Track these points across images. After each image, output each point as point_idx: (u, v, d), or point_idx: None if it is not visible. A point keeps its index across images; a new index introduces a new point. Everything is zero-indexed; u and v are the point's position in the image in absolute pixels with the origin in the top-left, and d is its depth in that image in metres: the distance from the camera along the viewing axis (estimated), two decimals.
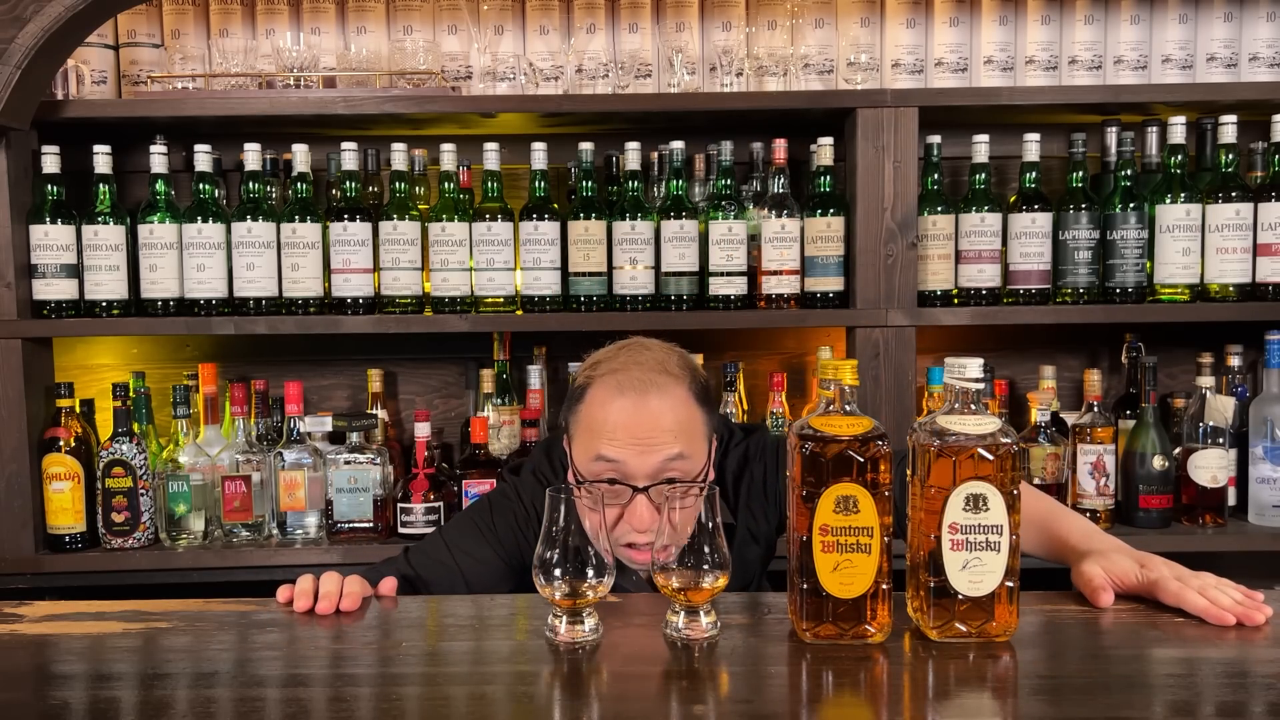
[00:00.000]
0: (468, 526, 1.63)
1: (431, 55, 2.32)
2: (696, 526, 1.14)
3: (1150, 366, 2.26)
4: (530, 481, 1.65)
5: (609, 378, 1.48)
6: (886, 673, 1.06)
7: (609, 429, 1.44)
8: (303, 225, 2.25)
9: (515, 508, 1.62)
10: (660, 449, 1.43)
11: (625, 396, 1.45)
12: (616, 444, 1.43)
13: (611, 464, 1.43)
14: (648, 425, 1.43)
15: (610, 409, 1.45)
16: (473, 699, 1.01)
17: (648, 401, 1.45)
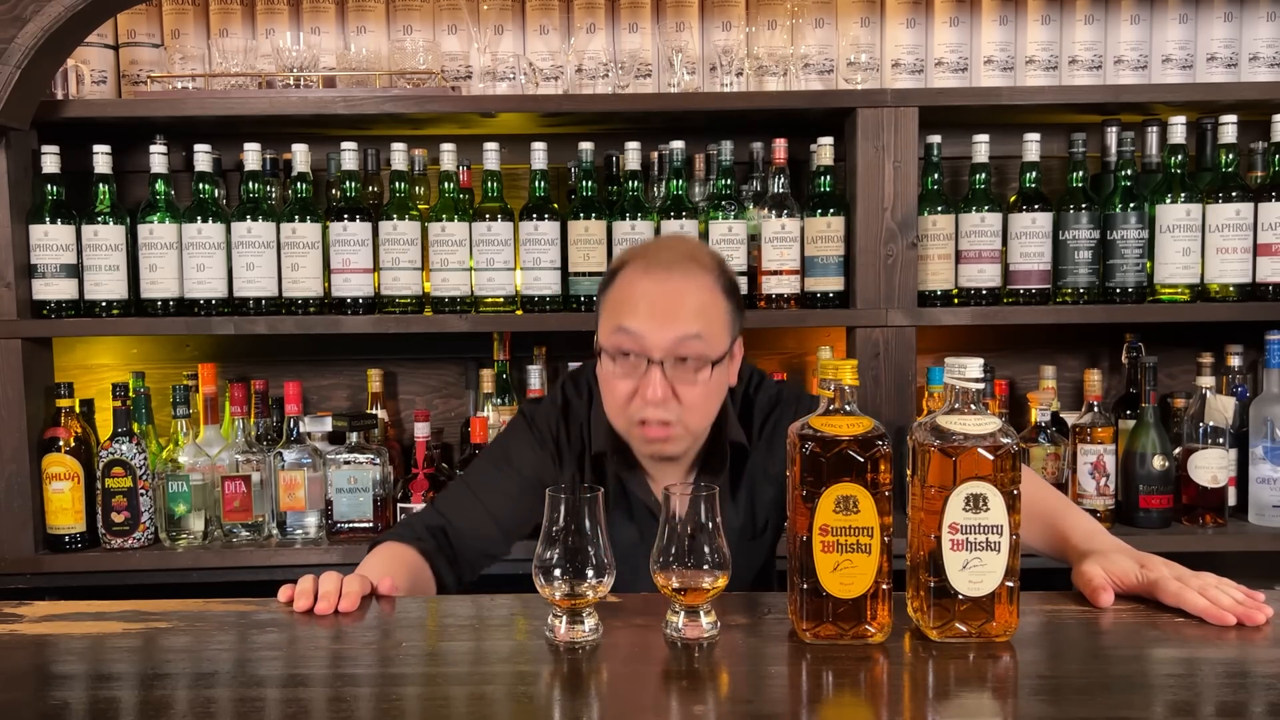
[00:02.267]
0: (485, 466, 1.66)
1: (431, 55, 2.32)
2: (696, 526, 1.14)
3: (1150, 366, 2.26)
4: (548, 407, 1.68)
5: (640, 259, 1.53)
6: (886, 673, 1.06)
7: (631, 303, 1.47)
8: (302, 225, 2.25)
9: (529, 435, 1.65)
10: (677, 325, 1.45)
11: (651, 275, 1.49)
12: (637, 317, 1.46)
13: (630, 336, 1.46)
14: (667, 301, 1.46)
15: (635, 286, 1.49)
16: (473, 699, 1.01)
17: (671, 278, 1.48)
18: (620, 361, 1.48)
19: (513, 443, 1.67)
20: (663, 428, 1.47)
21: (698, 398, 1.48)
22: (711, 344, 1.47)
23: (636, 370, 1.46)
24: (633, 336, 1.46)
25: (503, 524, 1.61)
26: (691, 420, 1.49)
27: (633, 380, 1.47)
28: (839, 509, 1.09)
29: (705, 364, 1.47)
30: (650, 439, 1.49)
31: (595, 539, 1.12)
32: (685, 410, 1.47)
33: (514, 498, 1.62)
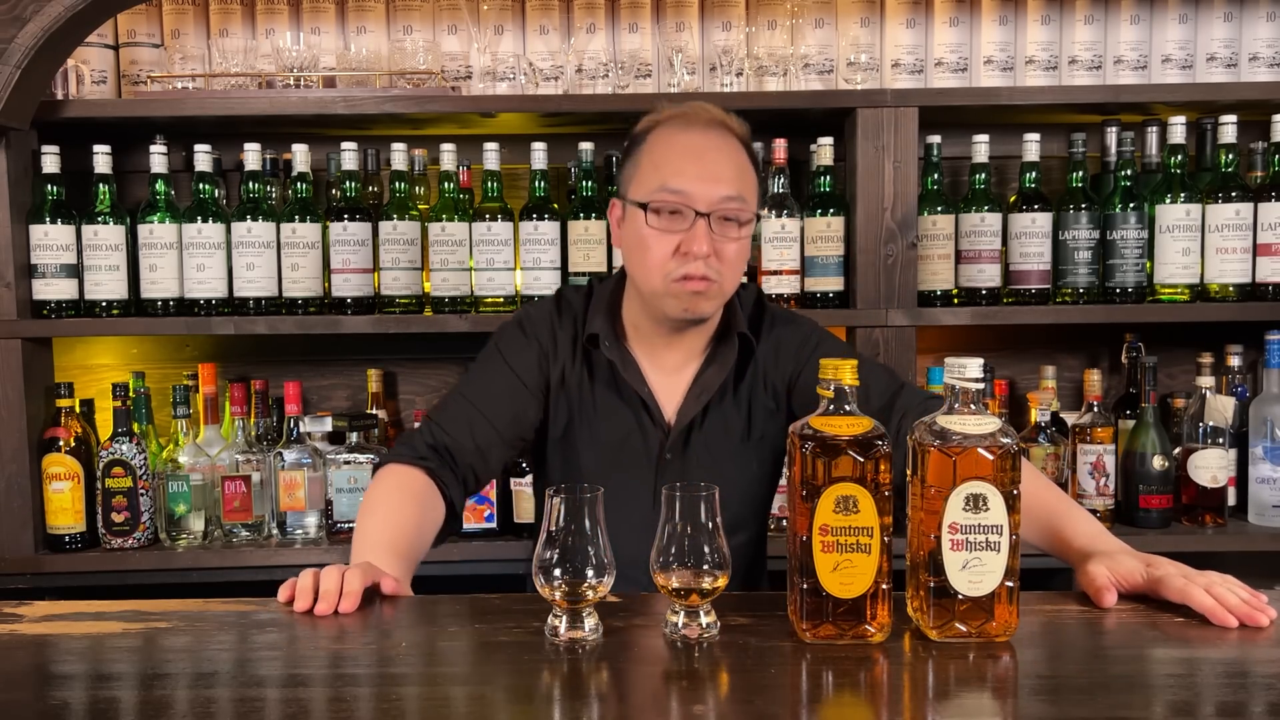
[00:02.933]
0: (477, 372, 1.65)
1: (431, 55, 2.32)
2: (695, 526, 1.14)
3: (1150, 366, 2.26)
4: (540, 307, 1.69)
5: (675, 119, 1.55)
6: (886, 673, 1.06)
7: (676, 160, 1.50)
8: (302, 225, 2.25)
9: (519, 338, 1.65)
10: (721, 184, 1.49)
11: (691, 132, 1.53)
12: (684, 175, 1.48)
13: (676, 195, 1.48)
14: (713, 159, 1.50)
15: (676, 142, 1.52)
16: (473, 699, 1.01)
17: (710, 137, 1.52)
18: (664, 218, 1.49)
19: (504, 345, 1.66)
20: (704, 281, 1.50)
21: (734, 256, 1.52)
22: (748, 208, 1.52)
23: (679, 226, 1.49)
24: (680, 193, 1.48)
25: (501, 427, 1.60)
26: (726, 279, 1.53)
27: (675, 237, 1.49)
28: (839, 509, 1.09)
29: (743, 223, 1.52)
30: (693, 291, 1.50)
31: (595, 539, 1.12)
32: (724, 267, 1.51)
33: (509, 398, 1.61)
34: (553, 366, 1.63)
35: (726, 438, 1.63)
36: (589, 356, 1.63)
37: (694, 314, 1.54)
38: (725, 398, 1.62)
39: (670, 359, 1.62)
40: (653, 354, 1.63)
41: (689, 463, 1.61)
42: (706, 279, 1.50)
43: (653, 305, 1.56)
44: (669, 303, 1.53)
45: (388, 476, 1.53)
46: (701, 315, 1.55)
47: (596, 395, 1.63)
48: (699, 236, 1.48)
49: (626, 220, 1.57)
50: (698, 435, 1.61)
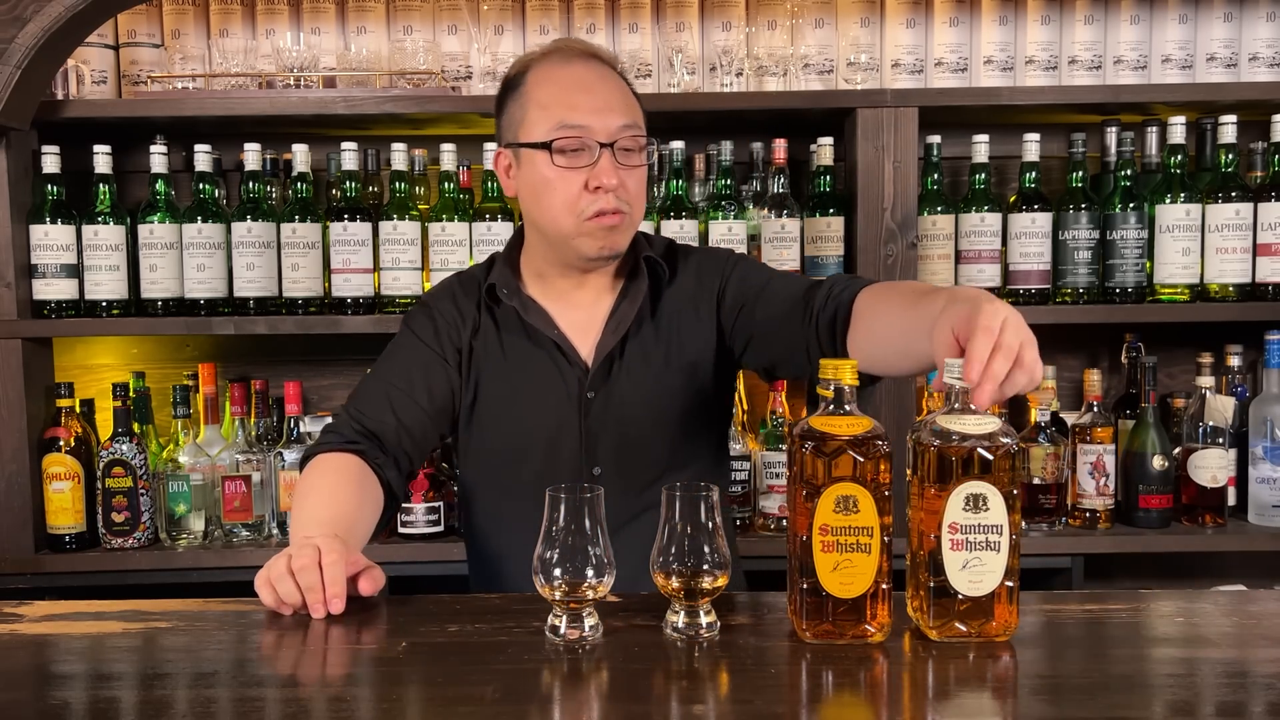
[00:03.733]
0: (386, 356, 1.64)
1: (431, 55, 2.32)
2: (695, 526, 1.14)
3: (1150, 366, 2.26)
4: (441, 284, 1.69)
5: (549, 57, 1.53)
6: (886, 672, 1.06)
7: (567, 96, 1.48)
8: (302, 225, 2.25)
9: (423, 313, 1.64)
10: (617, 113, 1.49)
11: (573, 66, 1.51)
12: (579, 109, 1.47)
13: (577, 129, 1.46)
14: (600, 90, 1.50)
15: (561, 79, 1.50)
16: (473, 699, 1.01)
17: (593, 68, 1.52)
18: (568, 156, 1.47)
19: (411, 324, 1.65)
20: (617, 215, 1.48)
21: (639, 185, 1.52)
22: (642, 132, 1.52)
23: (582, 162, 1.47)
24: (580, 127, 1.46)
25: (424, 402, 1.57)
26: (635, 209, 1.52)
27: (580, 174, 1.47)
28: (839, 509, 1.09)
29: (642, 149, 1.51)
30: (608, 226, 1.48)
31: (595, 539, 1.12)
32: (631, 198, 1.50)
33: (424, 372, 1.59)
34: (461, 334, 1.61)
35: (649, 366, 1.58)
36: (494, 315, 1.61)
37: (611, 250, 1.52)
38: (643, 327, 1.59)
39: (579, 298, 1.60)
40: (560, 297, 1.60)
41: (614, 399, 1.57)
42: (619, 212, 1.48)
43: (564, 249, 1.53)
44: (584, 243, 1.50)
45: (319, 464, 1.50)
46: (618, 251, 1.53)
47: (506, 347, 1.60)
48: (606, 169, 1.46)
49: (521, 168, 1.53)
50: (619, 368, 1.57)
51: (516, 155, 1.54)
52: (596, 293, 1.60)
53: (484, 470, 1.63)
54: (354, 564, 1.26)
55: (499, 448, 1.61)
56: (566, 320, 1.59)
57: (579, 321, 1.59)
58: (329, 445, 1.53)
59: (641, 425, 1.57)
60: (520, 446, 1.59)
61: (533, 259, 1.62)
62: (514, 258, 1.65)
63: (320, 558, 1.22)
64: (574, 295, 1.60)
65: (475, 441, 1.63)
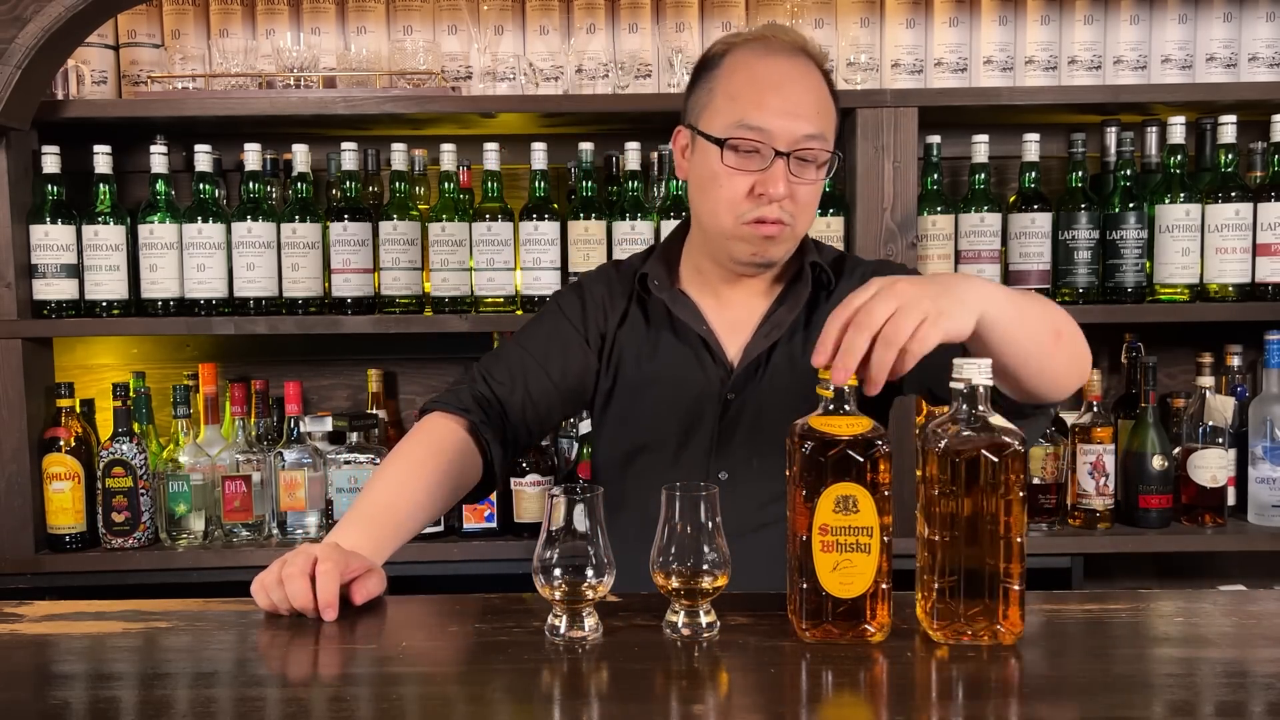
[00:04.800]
0: (530, 326, 1.61)
1: (431, 55, 2.32)
2: (694, 526, 1.14)
3: (1150, 366, 2.26)
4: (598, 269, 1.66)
5: (753, 44, 1.44)
6: (886, 672, 1.06)
7: (756, 94, 1.40)
8: (302, 225, 2.25)
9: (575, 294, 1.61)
10: (804, 120, 1.40)
11: (772, 59, 1.42)
12: (765, 111, 1.39)
13: (756, 132, 1.39)
14: (793, 92, 1.41)
15: (756, 72, 1.41)
16: (472, 699, 1.01)
17: (796, 66, 1.42)
18: (741, 156, 1.41)
19: (560, 301, 1.62)
20: (777, 225, 1.43)
21: (809, 198, 1.45)
22: (827, 145, 1.44)
23: (755, 165, 1.40)
24: (760, 130, 1.39)
25: (557, 378, 1.54)
26: (800, 222, 1.46)
27: (750, 177, 1.41)
28: (838, 509, 1.09)
29: (822, 164, 1.44)
30: (766, 236, 1.43)
31: (595, 539, 1.12)
32: (797, 210, 1.44)
33: (563, 349, 1.56)
34: (608, 318, 1.57)
35: (796, 376, 1.50)
36: (645, 305, 1.57)
37: (763, 258, 1.47)
38: (796, 335, 1.53)
39: (734, 298, 1.55)
40: (714, 294, 1.55)
41: (754, 403, 1.52)
42: (780, 222, 1.43)
43: (719, 246, 1.48)
44: (737, 246, 1.46)
45: (425, 428, 1.47)
46: (771, 260, 1.48)
47: (651, 339, 1.56)
48: (776, 178, 1.40)
49: (696, 151, 1.47)
50: (765, 374, 1.52)
51: (694, 139, 1.48)
52: (752, 294, 1.55)
53: (613, 462, 1.60)
54: (353, 571, 1.25)
55: (630, 439, 1.57)
56: (717, 317, 1.55)
57: (731, 320, 1.55)
58: (446, 405, 1.49)
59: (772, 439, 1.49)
60: (651, 440, 1.55)
61: (692, 252, 1.57)
62: (674, 249, 1.60)
63: (314, 566, 1.22)
64: (728, 293, 1.55)
65: (608, 431, 1.60)
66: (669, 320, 1.55)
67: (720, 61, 1.46)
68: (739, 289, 1.55)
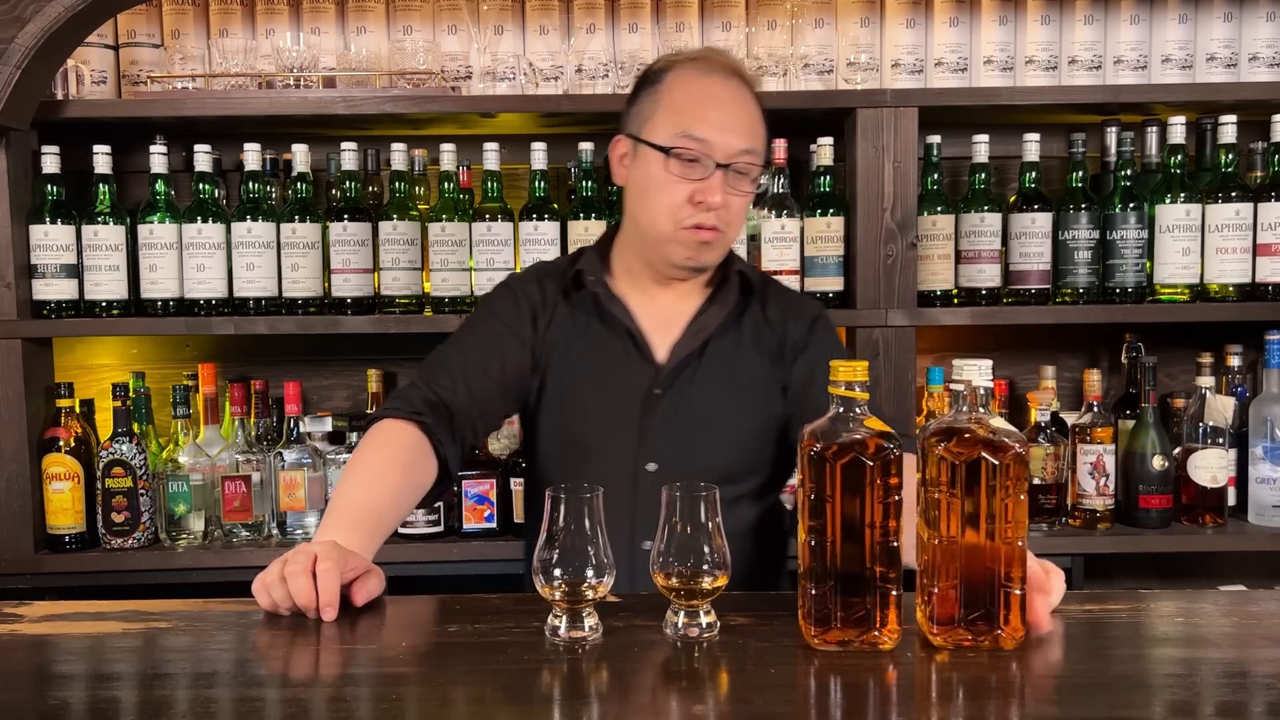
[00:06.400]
0: (463, 329, 1.66)
1: (431, 55, 2.32)
2: (694, 526, 1.14)
3: (1150, 366, 2.26)
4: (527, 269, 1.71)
5: (693, 63, 1.55)
6: (886, 672, 1.06)
7: (699, 108, 1.51)
8: (302, 225, 2.25)
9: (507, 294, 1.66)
10: (741, 135, 1.51)
11: (712, 78, 1.53)
12: (707, 124, 1.49)
13: (699, 143, 1.49)
14: (732, 109, 1.52)
15: (698, 88, 1.52)
16: (472, 699, 1.01)
17: (732, 86, 1.54)
18: (683, 165, 1.50)
19: (490, 301, 1.67)
20: (713, 232, 1.52)
21: (741, 208, 1.55)
22: (759, 160, 1.55)
23: (695, 174, 1.50)
24: (702, 142, 1.49)
25: (496, 376, 1.59)
26: (731, 231, 1.55)
27: (690, 185, 1.50)
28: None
29: (754, 178, 1.54)
30: (702, 241, 1.52)
31: (595, 539, 1.12)
32: (730, 218, 1.53)
33: (499, 346, 1.61)
34: (540, 316, 1.63)
35: (722, 376, 1.60)
36: (577, 301, 1.64)
37: (697, 263, 1.55)
38: (725, 336, 1.61)
39: (663, 298, 1.63)
40: (644, 293, 1.63)
41: (682, 398, 1.58)
42: (715, 229, 1.52)
43: (655, 249, 1.56)
44: (674, 249, 1.54)
45: (379, 434, 1.50)
46: (704, 265, 1.57)
47: (582, 334, 1.62)
48: (715, 187, 1.49)
49: (637, 160, 1.56)
50: (693, 372, 1.59)
51: (635, 148, 1.57)
52: (680, 296, 1.63)
53: (546, 459, 1.65)
54: (352, 570, 1.25)
55: (562, 432, 1.62)
56: (647, 316, 1.61)
57: (660, 319, 1.61)
58: (396, 411, 1.52)
59: (703, 432, 1.58)
60: (581, 433, 1.61)
61: (625, 254, 1.64)
62: (605, 251, 1.67)
63: (315, 564, 1.22)
64: (658, 294, 1.63)
65: (542, 428, 1.64)
66: (599, 317, 1.62)
67: (663, 77, 1.55)
68: (668, 290, 1.62)
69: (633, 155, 1.57)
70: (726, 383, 1.60)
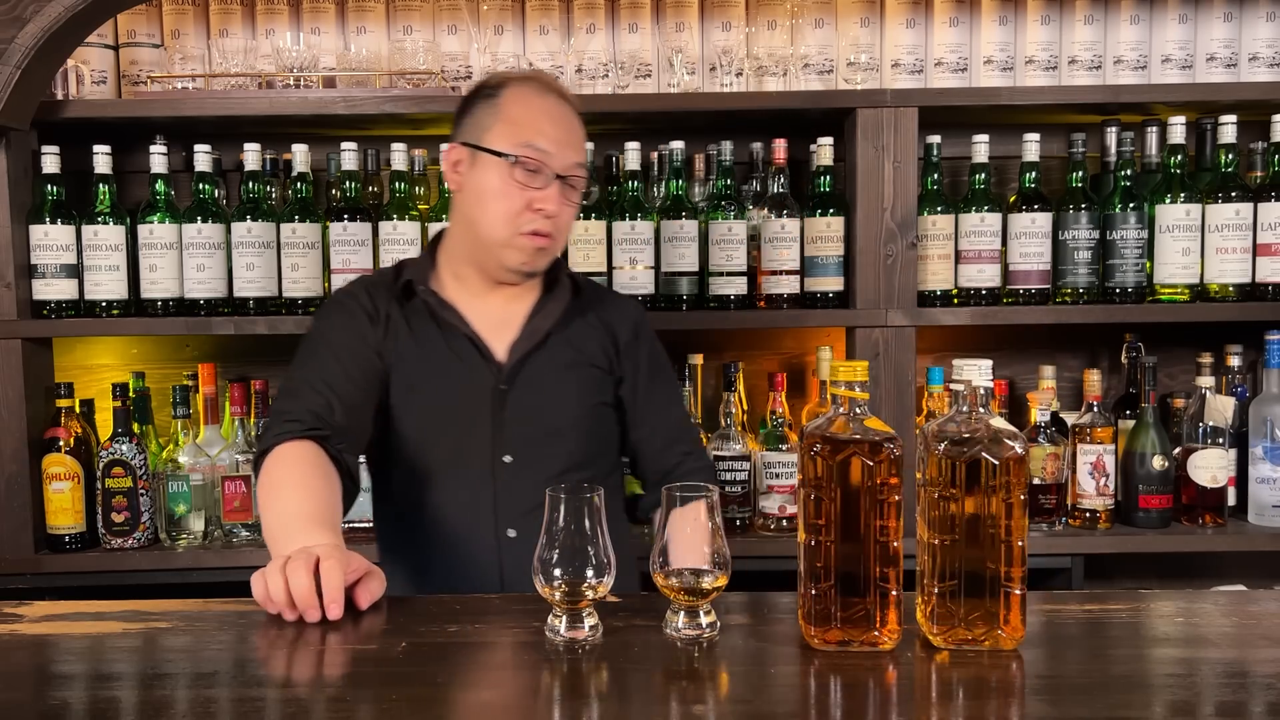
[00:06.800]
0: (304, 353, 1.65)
1: (431, 55, 2.32)
2: (695, 528, 1.14)
3: (1150, 366, 2.26)
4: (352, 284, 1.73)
5: (529, 82, 1.65)
6: (886, 672, 1.06)
7: (536, 121, 1.60)
8: (302, 225, 2.25)
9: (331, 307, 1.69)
10: (575, 150, 1.63)
11: (548, 97, 1.63)
12: (545, 136, 1.59)
13: (540, 153, 1.58)
14: (566, 126, 1.63)
15: (536, 105, 1.62)
16: (473, 700, 1.01)
17: (564, 107, 1.65)
18: (524, 173, 1.58)
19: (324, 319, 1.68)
20: (547, 238, 1.61)
21: (571, 217, 1.66)
22: (587, 174, 1.67)
23: (534, 183, 1.58)
24: (544, 152, 1.58)
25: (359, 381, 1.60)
26: (561, 238, 1.66)
27: (529, 193, 1.58)
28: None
29: (582, 191, 1.66)
30: (538, 247, 1.61)
31: (595, 539, 1.12)
32: (562, 225, 1.64)
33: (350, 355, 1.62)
34: (377, 322, 1.65)
35: (561, 371, 1.68)
36: (410, 310, 1.67)
37: (530, 267, 1.64)
38: (560, 334, 1.69)
39: (494, 301, 1.68)
40: (475, 297, 1.68)
41: (527, 393, 1.65)
42: (549, 236, 1.61)
43: (490, 254, 1.62)
44: (509, 254, 1.61)
45: (283, 457, 1.48)
46: (536, 270, 1.66)
47: (420, 341, 1.65)
48: (553, 196, 1.59)
49: (474, 168, 1.61)
50: (536, 364, 1.66)
51: (473, 156, 1.62)
52: (510, 299, 1.69)
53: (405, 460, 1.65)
54: (355, 571, 1.25)
55: (419, 436, 1.65)
56: (481, 319, 1.67)
57: (493, 320, 1.68)
58: (287, 434, 1.51)
59: (551, 422, 1.66)
60: (435, 434, 1.64)
61: (454, 259, 1.69)
62: (431, 259, 1.71)
63: (318, 564, 1.22)
64: (489, 297, 1.68)
65: (397, 429, 1.66)
66: (436, 323, 1.67)
67: (500, 92, 1.63)
68: (498, 294, 1.69)
69: (470, 163, 1.62)
70: (567, 374, 1.68)
